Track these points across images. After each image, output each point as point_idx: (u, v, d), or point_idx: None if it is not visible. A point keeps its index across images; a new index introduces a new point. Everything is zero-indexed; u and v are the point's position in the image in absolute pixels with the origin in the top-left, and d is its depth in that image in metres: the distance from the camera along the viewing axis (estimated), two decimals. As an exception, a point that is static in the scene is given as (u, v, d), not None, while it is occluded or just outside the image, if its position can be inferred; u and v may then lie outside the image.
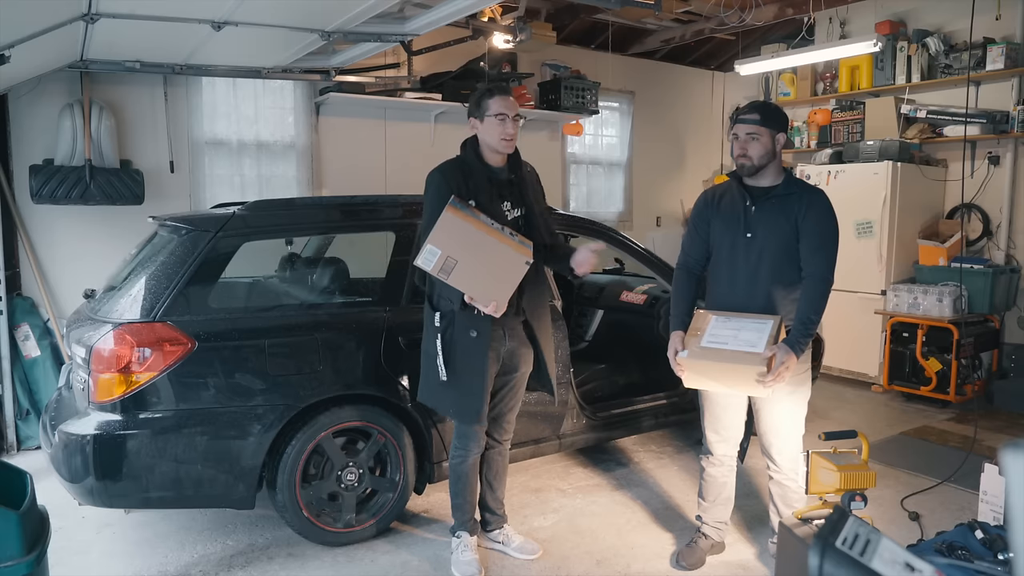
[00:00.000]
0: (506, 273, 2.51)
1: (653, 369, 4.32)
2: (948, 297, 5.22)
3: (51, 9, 3.02)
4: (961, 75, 5.51)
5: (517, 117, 2.74)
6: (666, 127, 7.46)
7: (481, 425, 2.84)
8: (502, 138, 2.72)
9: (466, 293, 2.59)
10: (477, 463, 2.93)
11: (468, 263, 2.50)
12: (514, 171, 2.83)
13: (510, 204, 2.79)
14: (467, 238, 2.49)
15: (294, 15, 3.58)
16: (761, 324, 2.52)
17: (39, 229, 4.54)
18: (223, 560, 3.02)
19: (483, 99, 2.74)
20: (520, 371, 2.92)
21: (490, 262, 2.50)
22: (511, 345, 2.85)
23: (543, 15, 6.19)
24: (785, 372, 2.47)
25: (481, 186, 2.73)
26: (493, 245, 2.48)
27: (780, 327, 2.53)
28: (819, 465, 2.66)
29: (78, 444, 2.72)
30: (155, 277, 2.90)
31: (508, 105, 2.72)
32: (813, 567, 1.00)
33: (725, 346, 2.50)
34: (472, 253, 2.50)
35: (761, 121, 2.62)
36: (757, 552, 3.08)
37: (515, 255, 2.50)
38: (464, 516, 2.95)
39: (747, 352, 2.45)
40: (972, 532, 1.98)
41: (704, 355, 2.52)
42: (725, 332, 2.54)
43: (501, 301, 2.56)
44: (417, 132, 5.81)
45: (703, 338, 2.56)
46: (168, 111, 4.86)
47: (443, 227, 2.51)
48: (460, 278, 2.53)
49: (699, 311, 2.70)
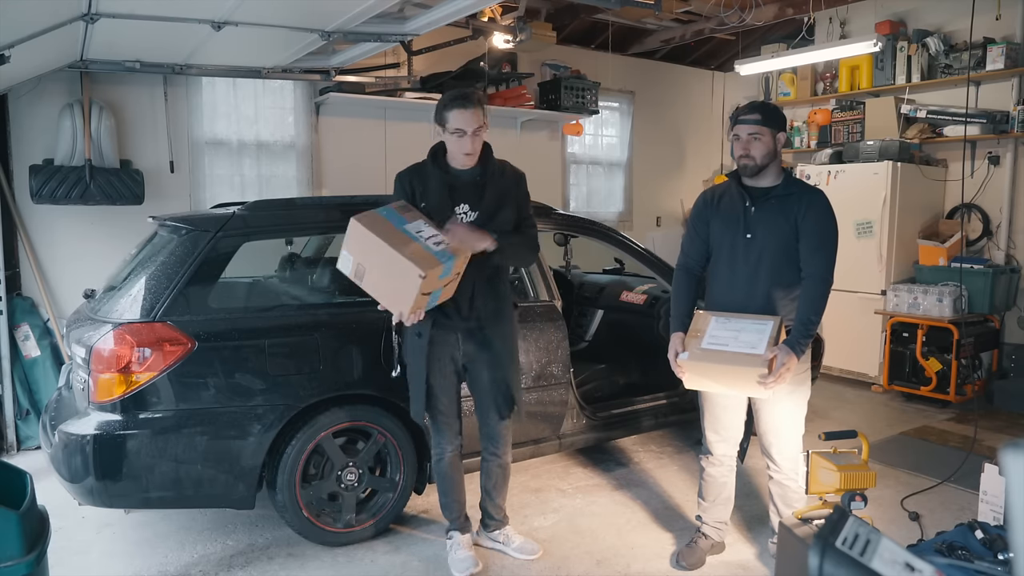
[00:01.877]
0: (401, 284, 2.47)
1: (653, 369, 4.32)
2: (948, 297, 5.22)
3: (51, 9, 3.02)
4: (961, 75, 5.51)
5: (479, 130, 2.65)
6: (666, 127, 7.46)
7: (438, 425, 2.88)
8: (462, 152, 2.67)
9: (375, 299, 2.63)
10: (456, 462, 2.94)
11: (372, 271, 2.55)
12: (482, 173, 2.76)
13: (468, 207, 2.73)
14: (368, 247, 2.51)
15: (294, 15, 3.58)
16: (761, 325, 2.52)
17: (39, 229, 4.54)
18: (223, 560, 3.02)
19: (443, 111, 2.67)
20: (488, 375, 2.88)
21: (388, 273, 2.50)
22: (467, 348, 2.81)
23: (543, 15, 6.19)
24: (786, 373, 2.48)
25: (433, 189, 2.71)
26: (389, 256, 2.46)
27: (780, 328, 2.53)
28: (819, 465, 2.66)
29: (78, 444, 2.72)
30: (155, 277, 2.90)
31: (467, 121, 2.62)
32: (813, 567, 1.00)
33: (725, 348, 2.50)
34: (374, 262, 2.52)
35: (763, 121, 2.62)
36: (757, 552, 3.08)
37: (408, 267, 2.42)
38: (453, 515, 2.96)
39: (748, 354, 2.45)
40: (972, 532, 1.98)
41: (704, 357, 2.52)
42: (725, 333, 2.54)
43: (404, 310, 2.52)
44: (417, 132, 5.80)
45: (703, 339, 2.56)
46: (168, 111, 4.86)
47: (351, 235, 2.56)
48: (370, 285, 2.58)
49: (699, 312, 2.70)
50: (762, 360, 2.43)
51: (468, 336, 2.81)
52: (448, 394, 2.85)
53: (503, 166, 2.82)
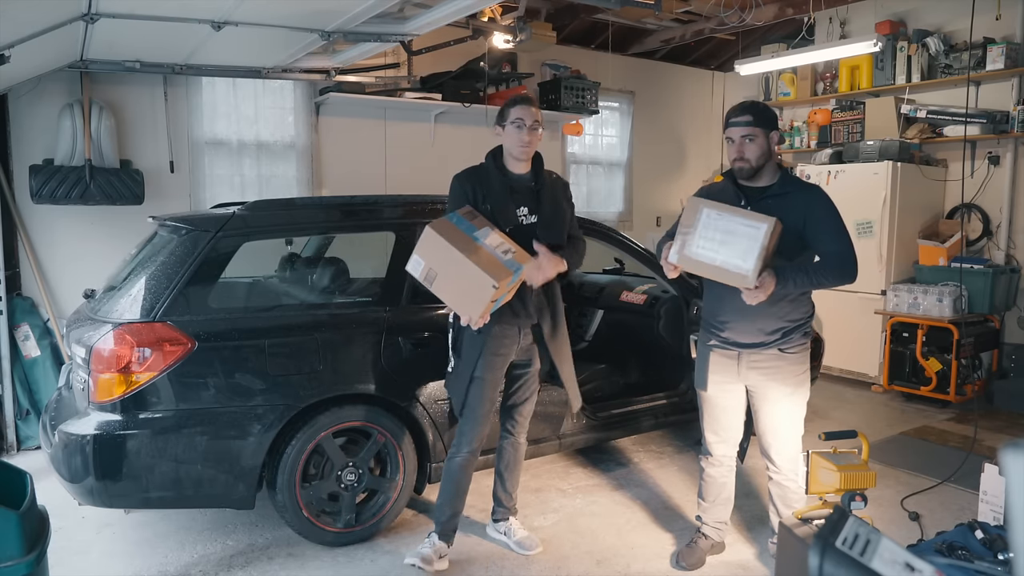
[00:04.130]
0: (474, 291, 2.59)
1: (653, 369, 4.33)
2: (948, 297, 5.22)
3: (51, 9, 3.02)
4: (961, 75, 5.51)
5: (536, 125, 2.82)
6: (666, 127, 7.46)
7: (474, 424, 2.86)
8: (520, 144, 2.82)
9: (444, 302, 2.78)
10: (469, 467, 2.92)
11: (444, 276, 2.64)
12: (536, 179, 2.91)
13: (527, 210, 2.86)
14: (442, 255, 2.61)
15: (294, 15, 3.58)
16: (753, 230, 2.38)
17: (39, 229, 4.54)
18: (223, 560, 3.02)
19: (505, 108, 2.86)
20: (534, 366, 3.00)
21: (460, 280, 2.61)
22: (526, 343, 2.95)
23: (543, 15, 6.19)
24: (763, 295, 2.45)
25: (495, 191, 2.83)
26: (462, 265, 2.57)
27: (774, 233, 2.39)
28: (819, 465, 2.66)
29: (78, 444, 2.72)
30: (155, 277, 2.90)
31: (527, 113, 2.81)
32: (813, 567, 1.00)
33: (714, 258, 2.44)
34: (446, 269, 2.62)
35: (755, 121, 2.60)
36: (757, 552, 3.08)
37: (483, 277, 2.55)
38: (442, 516, 2.93)
39: (734, 272, 2.41)
40: (972, 532, 1.99)
41: (693, 264, 2.52)
42: (716, 236, 2.44)
43: (473, 315, 2.64)
44: (417, 132, 5.81)
45: (693, 240, 2.49)
46: (168, 111, 4.86)
47: (424, 241, 2.65)
48: (440, 288, 2.67)
49: (692, 198, 2.60)
50: (749, 279, 2.39)
51: (528, 330, 2.93)
52: (496, 388, 2.90)
53: (551, 174, 2.99)
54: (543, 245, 2.80)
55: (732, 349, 2.74)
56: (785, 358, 2.69)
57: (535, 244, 2.79)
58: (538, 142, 2.88)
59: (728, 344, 2.75)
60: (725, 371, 2.78)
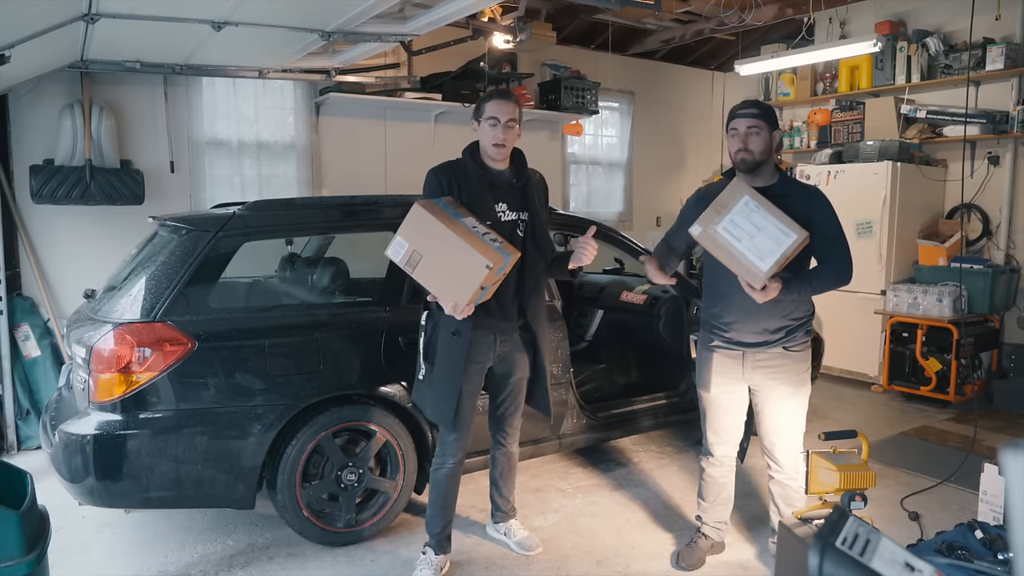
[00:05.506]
0: (465, 273, 2.44)
1: (653, 369, 4.33)
2: (948, 297, 5.22)
3: (51, 9, 3.02)
4: (961, 75, 5.51)
5: (512, 123, 2.69)
6: (666, 127, 7.46)
7: (457, 433, 2.78)
8: (493, 142, 2.69)
9: (428, 289, 2.58)
10: (456, 475, 2.85)
11: (431, 259, 2.48)
12: (518, 176, 2.80)
13: (507, 207, 2.75)
14: (432, 233, 2.46)
15: (294, 15, 3.58)
16: (783, 236, 2.38)
17: (39, 229, 4.54)
18: (223, 560, 3.02)
19: (481, 103, 2.74)
20: (517, 375, 2.90)
21: (451, 260, 2.45)
22: (503, 350, 2.82)
23: (543, 15, 6.19)
24: (764, 297, 2.47)
25: (472, 186, 2.71)
26: (455, 243, 2.42)
27: (799, 246, 2.39)
28: (819, 465, 2.66)
29: (78, 444, 2.72)
30: (155, 277, 2.90)
31: (501, 110, 2.67)
32: (813, 567, 1.00)
33: (736, 245, 2.44)
34: (435, 249, 2.47)
35: (760, 115, 2.62)
36: (757, 552, 3.08)
37: (476, 256, 2.40)
38: (434, 528, 2.86)
39: (749, 266, 2.42)
40: (972, 532, 1.99)
41: (713, 242, 2.49)
42: (746, 226, 2.44)
43: (460, 301, 2.49)
44: (417, 132, 5.81)
45: (722, 221, 2.47)
46: (168, 111, 4.86)
47: (411, 221, 2.50)
48: (423, 273, 2.51)
49: (737, 180, 2.58)
50: (759, 279, 2.41)
51: (507, 336, 2.81)
52: (473, 398, 2.80)
53: (533, 172, 2.88)
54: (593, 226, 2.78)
55: (736, 349, 2.74)
56: (789, 356, 2.70)
57: (576, 244, 2.73)
58: (515, 140, 2.74)
59: (732, 344, 2.75)
60: (728, 372, 2.77)
